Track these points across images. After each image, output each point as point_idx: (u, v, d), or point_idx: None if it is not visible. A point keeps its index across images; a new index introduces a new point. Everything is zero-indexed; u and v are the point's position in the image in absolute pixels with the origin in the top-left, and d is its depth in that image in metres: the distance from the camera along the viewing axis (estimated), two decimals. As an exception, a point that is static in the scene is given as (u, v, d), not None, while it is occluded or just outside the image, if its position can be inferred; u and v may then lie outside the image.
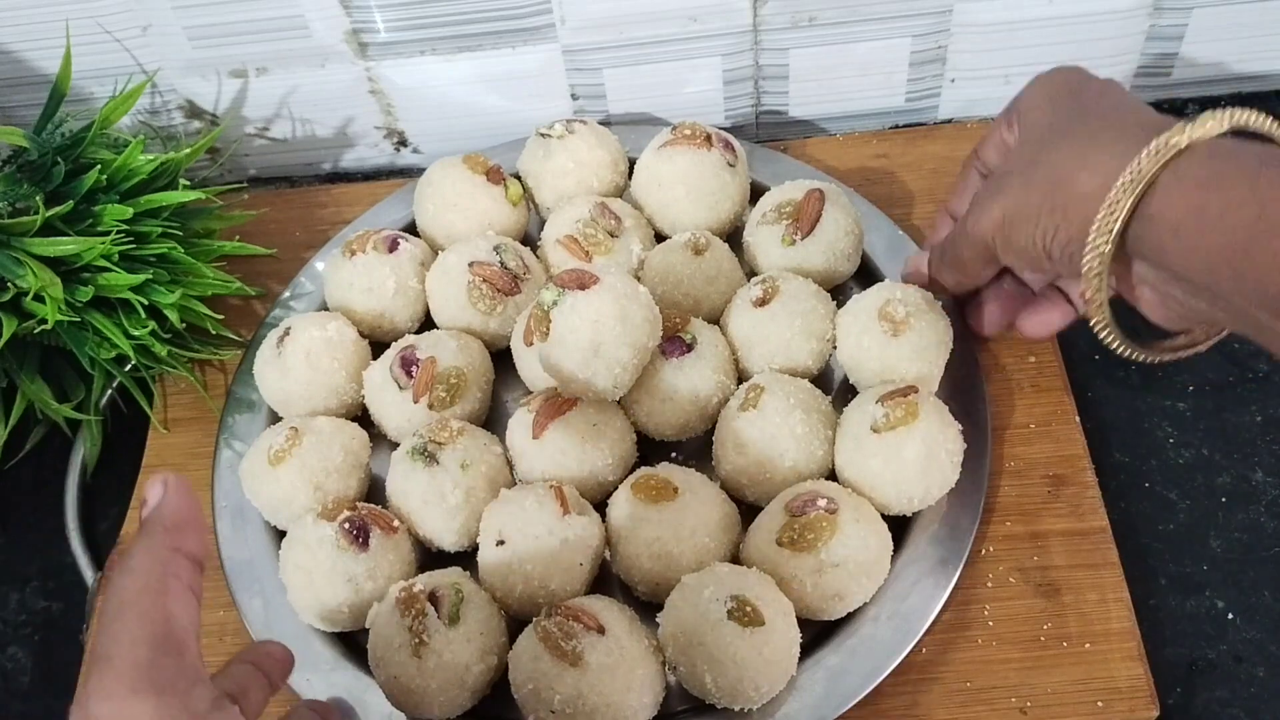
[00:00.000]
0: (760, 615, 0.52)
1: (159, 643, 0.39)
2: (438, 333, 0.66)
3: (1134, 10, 0.74)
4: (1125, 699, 0.55)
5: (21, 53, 0.75)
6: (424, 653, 0.53)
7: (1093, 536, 0.59)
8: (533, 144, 0.72)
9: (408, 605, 0.54)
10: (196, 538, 0.42)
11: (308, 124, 0.80)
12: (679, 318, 0.63)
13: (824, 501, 0.55)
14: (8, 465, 0.68)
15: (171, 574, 0.40)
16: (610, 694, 0.51)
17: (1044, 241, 0.51)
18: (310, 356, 0.64)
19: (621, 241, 0.67)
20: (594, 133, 0.71)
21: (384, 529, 0.58)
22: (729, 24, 0.74)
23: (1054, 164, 0.50)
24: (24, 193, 0.64)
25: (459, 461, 0.59)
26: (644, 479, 0.58)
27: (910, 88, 0.79)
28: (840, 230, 0.66)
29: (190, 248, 0.67)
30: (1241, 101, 0.79)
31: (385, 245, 0.68)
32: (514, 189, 0.71)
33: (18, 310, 0.63)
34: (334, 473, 0.61)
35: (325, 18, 0.73)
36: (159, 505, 0.42)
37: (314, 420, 0.63)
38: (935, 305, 0.62)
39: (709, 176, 0.68)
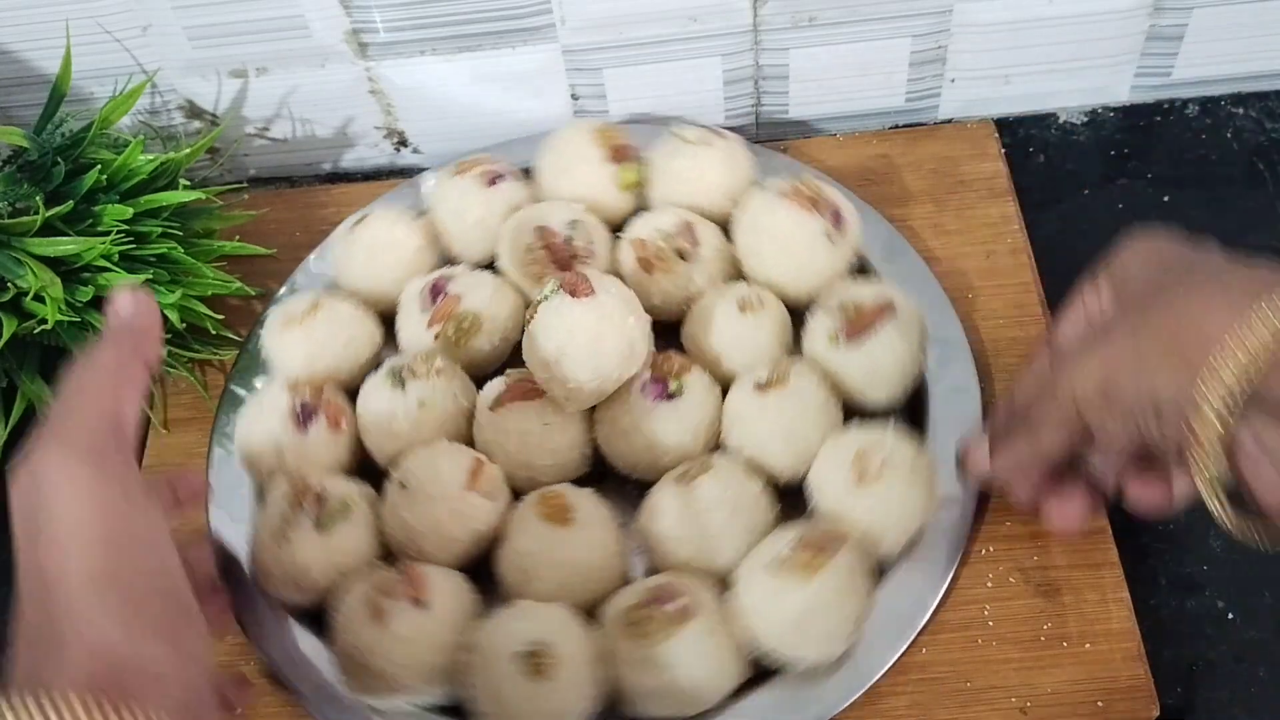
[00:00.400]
0: (549, 669, 0.52)
1: (106, 426, 0.43)
2: (483, 275, 0.67)
3: (1134, 10, 0.74)
4: (1125, 699, 0.55)
5: (21, 53, 0.75)
6: (283, 543, 0.57)
7: (1093, 536, 0.59)
8: (667, 138, 0.70)
9: (295, 494, 0.58)
10: (155, 346, 0.47)
11: (308, 124, 0.80)
12: (680, 364, 0.61)
13: (682, 602, 0.53)
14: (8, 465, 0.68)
15: (129, 373, 0.45)
16: (399, 660, 0.54)
17: (1151, 396, 0.45)
18: (373, 247, 0.68)
19: (688, 267, 0.65)
20: (729, 154, 0.69)
21: (331, 422, 0.62)
22: (729, 24, 0.74)
23: (1172, 309, 0.45)
24: (24, 193, 0.64)
25: (419, 398, 0.61)
26: (550, 496, 0.58)
27: (910, 88, 0.79)
28: (890, 355, 0.61)
29: (190, 248, 0.67)
30: (1241, 101, 0.79)
31: (486, 179, 0.69)
32: (627, 175, 0.70)
33: (18, 310, 0.63)
34: (330, 353, 0.65)
35: (325, 18, 0.73)
36: (129, 314, 0.46)
37: (340, 303, 0.66)
38: (922, 471, 0.57)
39: (802, 242, 0.64)
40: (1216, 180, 0.75)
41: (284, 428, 0.62)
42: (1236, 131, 0.78)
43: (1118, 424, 0.47)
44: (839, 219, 0.65)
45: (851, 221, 0.66)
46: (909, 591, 0.57)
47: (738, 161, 0.69)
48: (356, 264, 0.69)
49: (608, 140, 0.69)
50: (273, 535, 0.58)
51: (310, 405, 0.62)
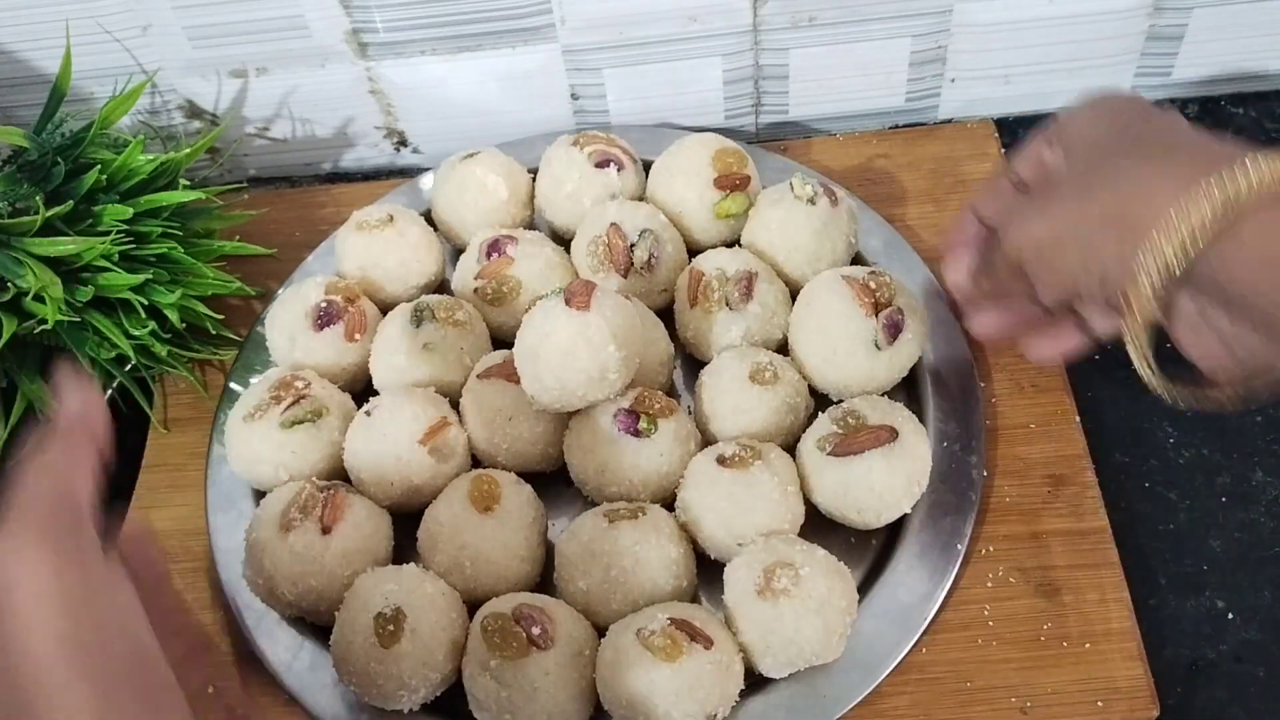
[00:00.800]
0: (397, 636, 0.53)
1: (61, 500, 0.43)
2: (546, 249, 0.68)
3: (1134, 10, 0.74)
4: (1125, 699, 0.55)
5: (21, 53, 0.75)
6: (249, 424, 0.61)
7: (1093, 536, 0.59)
8: (784, 189, 0.67)
9: (279, 383, 0.62)
10: (105, 430, 0.47)
11: (308, 124, 0.80)
12: (663, 406, 0.60)
13: (540, 629, 0.53)
14: (8, 465, 0.68)
15: (77, 454, 0.45)
16: (284, 573, 0.56)
17: (1092, 262, 0.46)
18: (465, 185, 0.70)
19: (729, 316, 0.63)
20: (830, 221, 0.65)
21: (348, 332, 0.65)
22: (729, 24, 0.74)
23: (1117, 181, 0.46)
24: (24, 193, 0.64)
25: (427, 340, 0.63)
26: (483, 478, 0.60)
27: (910, 88, 0.79)
28: (865, 484, 0.57)
29: (190, 248, 0.67)
30: (1241, 101, 0.79)
31: (597, 159, 0.69)
32: (727, 206, 0.68)
33: (18, 310, 0.63)
34: (383, 269, 0.69)
35: (325, 18, 0.73)
36: (76, 406, 0.47)
37: (414, 226, 0.70)
38: (832, 608, 0.54)
39: (844, 337, 0.61)
40: (1216, 180, 0.75)
41: (301, 323, 0.65)
42: (1236, 131, 0.78)
43: (1055, 282, 0.49)
44: (895, 331, 0.61)
45: (909, 340, 0.61)
46: (910, 592, 0.57)
47: (837, 230, 0.66)
48: (446, 196, 0.71)
49: (725, 165, 0.68)
50: (245, 415, 0.62)
51: (335, 309, 0.65)
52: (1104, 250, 0.46)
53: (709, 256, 0.66)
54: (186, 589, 0.62)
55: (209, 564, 0.63)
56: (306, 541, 0.57)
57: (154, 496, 0.66)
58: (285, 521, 0.57)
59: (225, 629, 0.61)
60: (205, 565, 0.63)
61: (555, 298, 0.57)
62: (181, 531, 0.64)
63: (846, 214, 0.66)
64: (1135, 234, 0.44)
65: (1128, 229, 0.44)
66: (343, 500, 0.58)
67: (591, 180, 0.69)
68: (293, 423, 0.61)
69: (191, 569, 0.63)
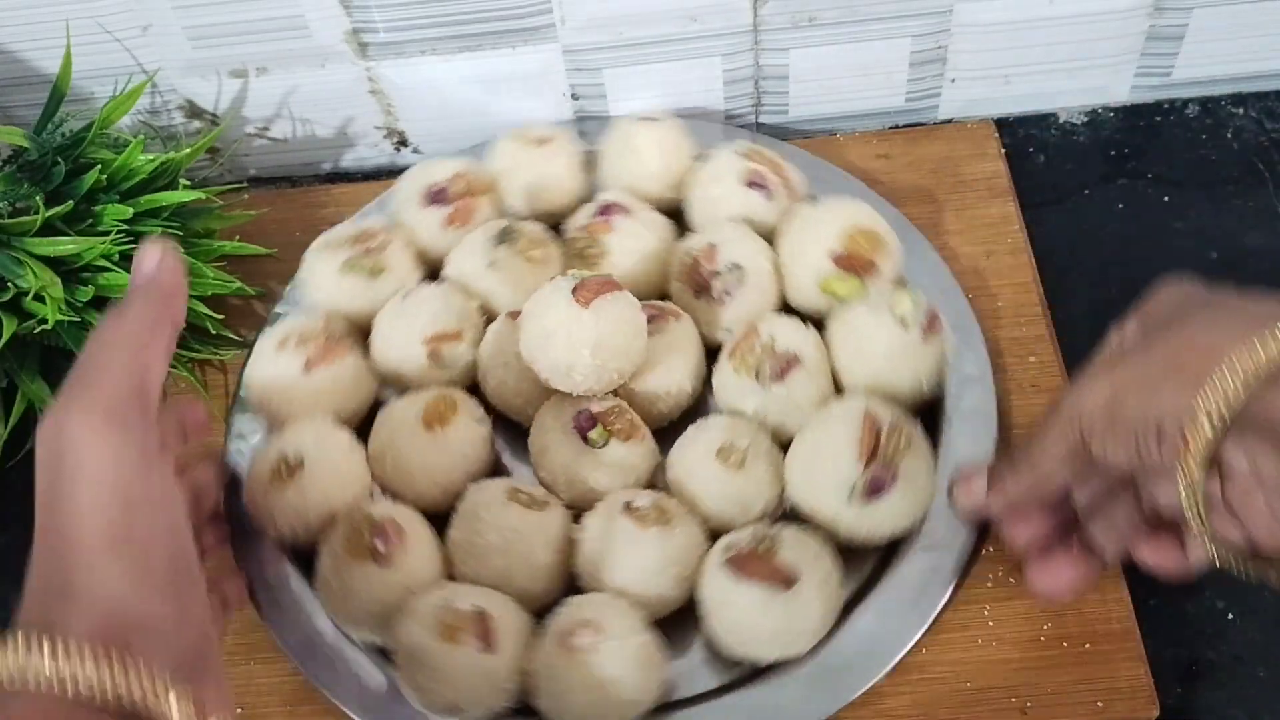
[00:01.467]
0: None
1: (133, 386, 0.44)
2: (650, 239, 0.67)
3: (1134, 10, 0.74)
4: (1125, 699, 0.55)
5: (21, 53, 0.75)
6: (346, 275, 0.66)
7: (1093, 536, 0.59)
8: (885, 293, 0.62)
9: (360, 236, 0.67)
10: (182, 306, 0.48)
11: (308, 124, 0.80)
12: (625, 428, 0.59)
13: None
14: (8, 465, 0.68)
15: (157, 333, 0.46)
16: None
17: (1153, 411, 0.45)
18: (632, 146, 0.70)
19: (751, 382, 0.61)
20: (921, 351, 0.61)
21: (456, 215, 0.68)
22: (729, 24, 0.74)
23: (1180, 333, 0.46)
24: (24, 193, 0.64)
25: (496, 259, 0.66)
26: (443, 397, 0.62)
27: (910, 88, 0.79)
28: (742, 616, 0.54)
29: (190, 248, 0.67)
30: (1241, 101, 0.79)
31: (749, 177, 0.68)
32: (834, 285, 0.63)
33: (18, 310, 0.63)
34: (519, 184, 0.70)
35: (325, 18, 0.73)
36: (155, 273, 0.47)
37: (567, 160, 0.71)
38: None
39: None
40: (1216, 180, 0.75)
41: (415, 196, 0.69)
42: (1236, 131, 0.78)
43: (1118, 444, 0.47)
44: (875, 490, 0.56)
45: (889, 506, 0.57)
46: (912, 594, 0.57)
47: (915, 365, 0.61)
48: (616, 151, 0.71)
49: (855, 245, 0.63)
50: (326, 242, 0.67)
51: (448, 194, 0.69)
52: (1163, 396, 0.45)
53: (774, 319, 0.62)
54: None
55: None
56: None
57: (154, 496, 0.66)
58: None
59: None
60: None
61: (565, 282, 0.58)
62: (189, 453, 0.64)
63: (936, 353, 0.61)
64: (1195, 378, 0.44)
65: (1187, 374, 0.44)
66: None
67: (731, 197, 0.68)
68: (350, 267, 0.66)
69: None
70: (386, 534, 0.57)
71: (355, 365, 0.65)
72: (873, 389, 0.60)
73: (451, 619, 0.53)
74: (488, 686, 0.53)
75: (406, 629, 0.54)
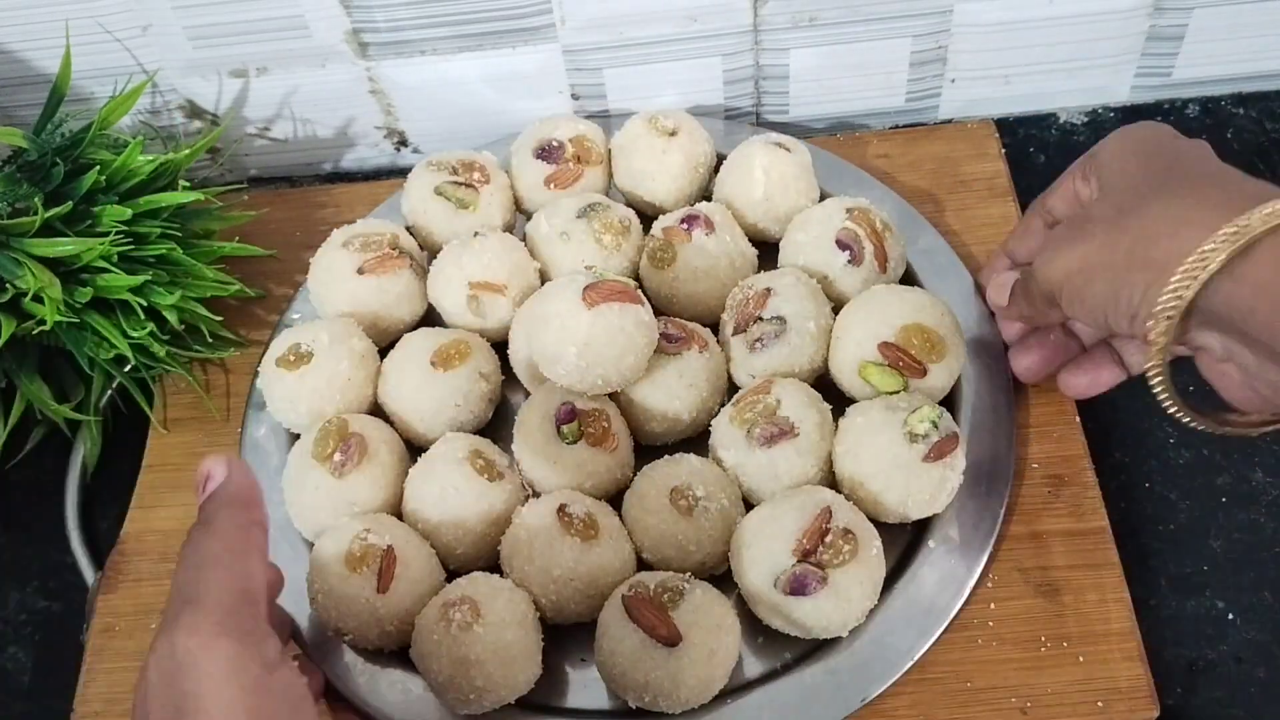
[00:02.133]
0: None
1: (241, 595, 0.43)
2: (730, 255, 0.65)
3: (1134, 10, 0.74)
4: (1125, 699, 0.55)
5: (21, 53, 0.75)
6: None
7: (1093, 536, 0.59)
8: (897, 402, 0.59)
9: (456, 166, 0.69)
10: (263, 510, 0.47)
11: (308, 124, 0.80)
12: (595, 433, 0.59)
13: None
14: (8, 465, 0.68)
15: (250, 539, 0.45)
16: None
17: (1121, 297, 0.48)
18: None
19: (742, 436, 0.59)
20: (926, 471, 0.57)
21: (559, 176, 0.69)
22: (729, 24, 0.74)
23: (1146, 218, 0.47)
24: (23, 193, 0.64)
25: (570, 230, 0.66)
26: (461, 341, 0.64)
27: (910, 88, 0.79)
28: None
29: (190, 249, 0.67)
30: (1241, 101, 0.79)
31: (841, 236, 0.64)
32: (874, 374, 0.60)
33: (17, 311, 0.63)
34: (630, 178, 0.71)
35: (325, 18, 0.73)
36: (228, 481, 0.47)
37: (694, 145, 0.70)
38: None
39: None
40: (1217, 180, 0.75)
41: (527, 150, 0.71)
42: (1236, 131, 0.78)
43: (1086, 315, 0.51)
44: (799, 588, 0.54)
45: (816, 604, 0.54)
46: (927, 594, 0.57)
47: (917, 481, 0.57)
48: (733, 165, 0.69)
49: (907, 339, 0.59)
50: (431, 161, 0.70)
51: (559, 154, 0.70)
52: (1132, 285, 0.47)
53: (790, 384, 0.60)
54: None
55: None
56: None
57: (154, 496, 0.66)
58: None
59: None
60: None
61: (582, 278, 0.58)
62: (181, 532, 0.63)
63: (935, 480, 0.57)
64: (1161, 271, 0.46)
65: (1154, 266, 0.46)
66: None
67: (823, 247, 0.64)
68: (443, 192, 0.68)
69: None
70: (350, 450, 0.59)
71: (406, 284, 0.66)
72: (853, 491, 0.58)
73: (360, 550, 0.56)
74: (372, 623, 0.55)
75: (323, 543, 0.57)
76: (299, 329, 0.65)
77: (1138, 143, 0.53)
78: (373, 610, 0.55)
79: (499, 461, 0.60)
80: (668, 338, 0.62)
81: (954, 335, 0.61)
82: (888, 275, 0.65)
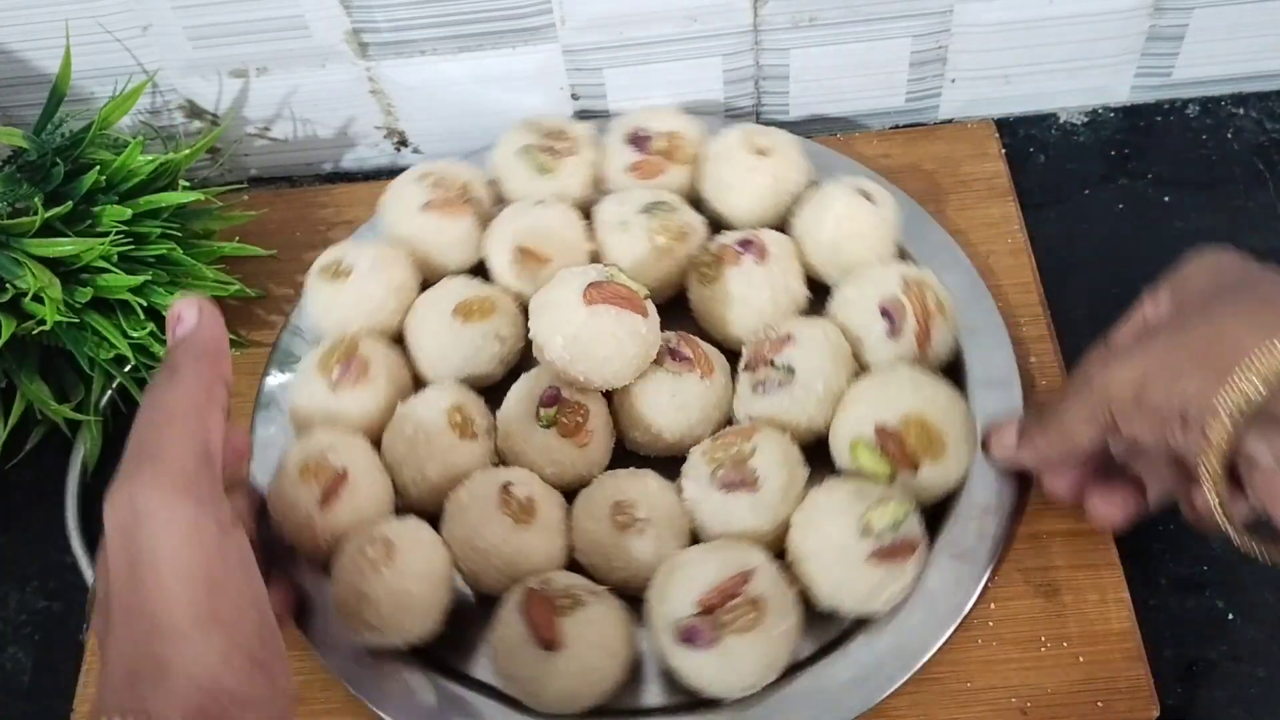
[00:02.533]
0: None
1: (202, 456, 0.43)
2: (783, 285, 0.64)
3: (1134, 10, 0.74)
4: (1125, 699, 0.55)
5: (21, 53, 0.75)
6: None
7: (1093, 537, 0.59)
8: (863, 494, 0.56)
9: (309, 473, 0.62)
10: (229, 364, 0.46)
11: (308, 124, 0.80)
12: (577, 426, 0.60)
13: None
14: (8, 465, 0.68)
15: (213, 395, 0.45)
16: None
17: (1176, 399, 0.46)
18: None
19: (707, 474, 0.58)
20: (882, 574, 0.55)
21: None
22: (729, 24, 0.74)
23: (1213, 321, 0.46)
24: (23, 193, 0.64)
25: (628, 221, 0.66)
26: (481, 297, 0.64)
27: (910, 88, 0.79)
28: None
29: (190, 249, 0.67)
30: (1241, 101, 0.79)
31: (883, 304, 0.62)
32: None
33: (17, 311, 0.63)
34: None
35: (325, 18, 0.73)
36: (197, 330, 0.46)
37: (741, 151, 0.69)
38: None
39: None
40: (1216, 180, 0.75)
41: (622, 134, 0.71)
42: (1236, 131, 0.78)
43: (1144, 428, 0.48)
44: (707, 634, 0.53)
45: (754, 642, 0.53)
46: (941, 596, 0.57)
47: (856, 576, 0.55)
48: (812, 202, 0.67)
49: (907, 429, 0.57)
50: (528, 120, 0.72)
51: (648, 144, 0.70)
52: (1189, 385, 0.46)
53: (772, 435, 0.58)
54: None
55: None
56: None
57: (154, 497, 0.66)
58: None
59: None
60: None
61: (597, 274, 0.58)
62: None
63: (876, 580, 0.54)
64: (1220, 371, 0.44)
65: (1213, 366, 0.45)
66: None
67: (865, 309, 0.62)
68: (527, 153, 0.69)
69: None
70: (349, 368, 0.62)
71: (465, 231, 0.68)
72: (794, 565, 0.56)
73: (314, 464, 0.58)
74: (307, 534, 0.57)
75: (293, 446, 0.59)
76: (352, 244, 0.68)
77: (1213, 264, 0.51)
78: (310, 522, 0.57)
79: (479, 422, 0.61)
80: (675, 355, 0.61)
81: (961, 439, 0.57)
82: (927, 358, 0.61)
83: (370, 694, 0.56)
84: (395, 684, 0.57)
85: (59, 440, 0.69)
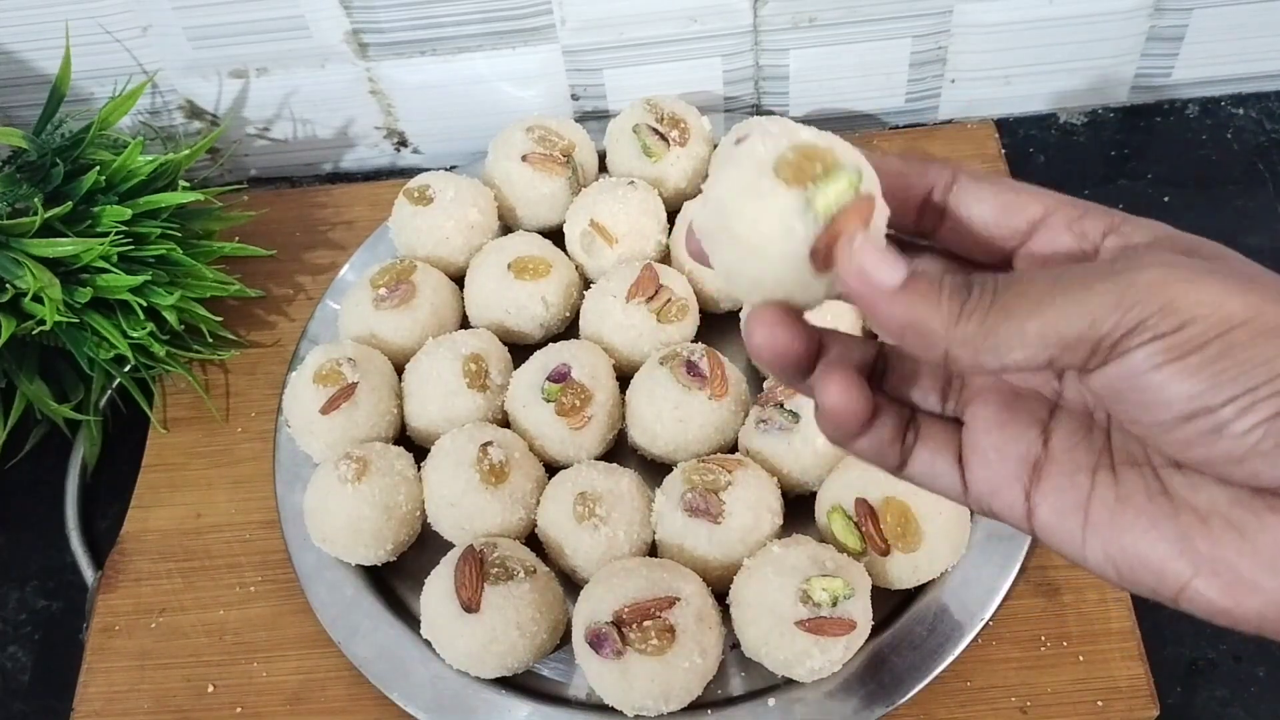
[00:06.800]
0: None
1: None
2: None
3: (1134, 10, 0.74)
4: (1125, 699, 0.55)
5: (21, 53, 0.75)
6: None
7: (1093, 536, 0.59)
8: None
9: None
10: None
11: (308, 124, 0.80)
12: (576, 407, 0.60)
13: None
14: (8, 465, 0.68)
15: None
16: None
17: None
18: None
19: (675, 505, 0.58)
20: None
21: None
22: (729, 24, 0.74)
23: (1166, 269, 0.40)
24: (23, 193, 0.64)
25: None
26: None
27: (910, 88, 0.79)
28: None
29: (190, 249, 0.67)
30: (1241, 102, 0.79)
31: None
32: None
33: (17, 311, 0.63)
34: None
35: (325, 18, 0.73)
36: None
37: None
38: None
39: None
40: (1216, 180, 0.75)
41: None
42: (1236, 132, 0.78)
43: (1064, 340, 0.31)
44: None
45: None
46: (963, 598, 0.57)
47: (782, 641, 0.54)
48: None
49: (884, 511, 0.55)
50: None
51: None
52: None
53: (751, 470, 0.58)
54: (184, 587, 0.62)
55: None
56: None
57: (154, 496, 0.66)
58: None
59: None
60: (206, 565, 0.63)
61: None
62: (180, 531, 0.64)
63: (800, 648, 0.53)
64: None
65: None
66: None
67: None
68: (638, 133, 0.70)
69: (191, 568, 0.63)
70: (396, 290, 0.65)
71: (555, 191, 0.70)
72: (732, 607, 0.55)
73: (329, 371, 0.62)
74: (306, 431, 0.62)
75: (318, 350, 0.64)
76: (444, 174, 0.70)
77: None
78: (310, 421, 0.61)
79: (494, 378, 0.63)
80: (691, 369, 0.60)
81: (943, 538, 0.56)
82: None
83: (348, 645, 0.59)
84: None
85: (59, 440, 0.69)
